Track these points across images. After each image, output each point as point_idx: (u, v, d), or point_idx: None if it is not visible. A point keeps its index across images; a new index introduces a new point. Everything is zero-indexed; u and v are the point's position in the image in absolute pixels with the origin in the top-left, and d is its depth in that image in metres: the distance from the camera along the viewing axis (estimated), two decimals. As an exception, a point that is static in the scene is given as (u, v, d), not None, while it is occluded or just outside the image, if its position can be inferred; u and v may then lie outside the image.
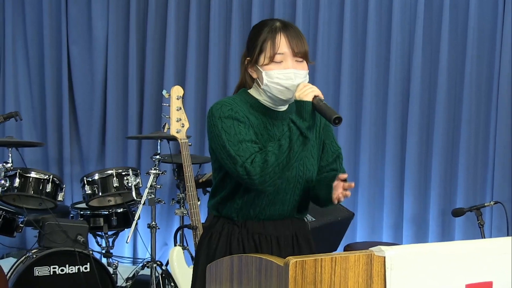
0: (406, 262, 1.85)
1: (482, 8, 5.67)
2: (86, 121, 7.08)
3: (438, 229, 5.85)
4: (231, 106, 2.58)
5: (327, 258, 1.78)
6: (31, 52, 7.11)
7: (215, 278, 2.17)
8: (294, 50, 2.58)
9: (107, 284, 4.63)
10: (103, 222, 5.36)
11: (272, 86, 2.57)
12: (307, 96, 2.48)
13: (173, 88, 4.13)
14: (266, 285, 1.85)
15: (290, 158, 2.45)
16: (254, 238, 2.66)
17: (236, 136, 2.50)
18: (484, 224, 4.41)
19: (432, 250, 1.92)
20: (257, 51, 2.60)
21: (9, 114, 4.24)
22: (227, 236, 2.67)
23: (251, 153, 2.47)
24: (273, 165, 2.43)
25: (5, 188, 4.82)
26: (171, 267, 3.87)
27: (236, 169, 2.47)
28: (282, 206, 2.67)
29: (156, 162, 5.14)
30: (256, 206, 2.64)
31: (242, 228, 2.67)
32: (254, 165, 2.44)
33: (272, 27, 2.60)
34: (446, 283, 1.90)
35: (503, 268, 1.98)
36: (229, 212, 2.68)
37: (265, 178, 2.44)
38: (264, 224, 2.67)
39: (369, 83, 5.98)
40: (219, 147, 2.53)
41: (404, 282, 1.85)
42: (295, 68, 2.57)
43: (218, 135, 2.53)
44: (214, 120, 2.56)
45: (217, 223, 2.73)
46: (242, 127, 2.54)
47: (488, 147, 5.71)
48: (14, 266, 4.76)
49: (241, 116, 2.57)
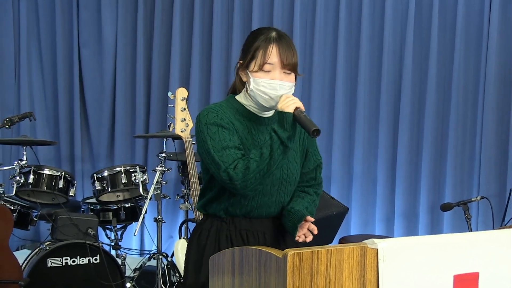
0: (398, 254, 1.85)
1: (469, 13, 5.66)
2: (96, 120, 7.08)
3: (427, 222, 5.85)
4: (217, 113, 2.59)
5: (323, 250, 1.79)
6: (44, 55, 7.11)
7: (218, 269, 2.18)
8: (283, 62, 2.58)
9: (116, 274, 4.64)
10: (112, 216, 5.36)
11: (257, 93, 2.58)
12: (289, 108, 2.48)
13: (178, 90, 4.13)
14: (266, 275, 1.85)
15: (270, 165, 2.45)
16: (241, 234, 2.66)
17: (220, 142, 2.50)
18: (471, 218, 4.40)
19: (422, 243, 1.92)
20: (250, 57, 2.61)
21: (24, 115, 4.24)
22: (215, 233, 2.68)
23: (234, 159, 2.47)
24: (254, 171, 2.43)
25: (20, 184, 4.83)
26: (176, 259, 3.88)
27: (219, 174, 2.47)
28: (268, 208, 2.67)
29: (162, 159, 5.14)
30: (243, 207, 2.64)
31: (230, 224, 2.67)
32: (236, 171, 2.44)
33: (267, 37, 2.60)
34: (435, 273, 1.90)
35: (489, 260, 1.98)
36: (217, 211, 2.68)
37: (246, 183, 2.44)
38: (251, 221, 2.67)
39: (362, 85, 5.97)
40: (205, 152, 2.54)
41: (396, 273, 1.85)
42: (281, 79, 2.57)
43: (204, 141, 2.54)
44: (201, 126, 2.57)
45: (206, 220, 2.73)
46: (227, 133, 2.54)
47: (475, 146, 5.70)
48: (28, 257, 4.76)
49: (226, 122, 2.57)
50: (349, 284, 1.81)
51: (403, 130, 5.86)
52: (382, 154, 5.99)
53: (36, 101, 7.13)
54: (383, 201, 6.02)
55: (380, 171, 6.00)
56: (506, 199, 5.26)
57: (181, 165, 5.46)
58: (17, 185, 4.82)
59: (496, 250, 2.01)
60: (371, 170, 6.06)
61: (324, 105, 6.13)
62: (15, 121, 4.06)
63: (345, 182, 6.10)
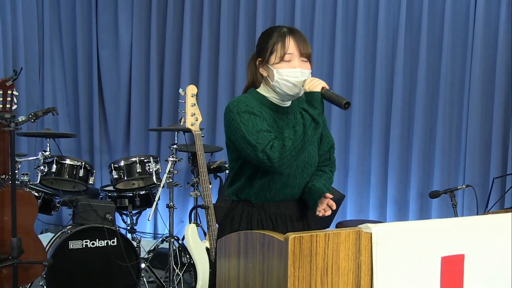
0: (390, 237, 1.85)
1: (455, 17, 5.65)
2: (113, 115, 7.09)
3: (417, 209, 5.85)
4: (246, 103, 2.59)
5: (322, 234, 1.79)
6: (66, 56, 7.12)
7: (225, 252, 2.18)
8: (301, 51, 2.61)
9: (131, 256, 4.64)
10: (128, 203, 5.36)
11: (281, 83, 2.59)
12: (316, 88, 2.52)
13: (188, 87, 4.12)
14: (269, 257, 1.85)
15: (304, 142, 2.46)
16: (271, 218, 2.67)
17: (254, 127, 2.50)
18: (457, 205, 4.40)
19: (412, 227, 1.92)
20: (268, 52, 2.62)
21: (47, 109, 4.23)
22: (247, 217, 2.67)
23: (269, 140, 2.47)
24: (290, 149, 2.44)
25: (44, 173, 4.83)
26: (186, 242, 3.88)
27: (257, 155, 2.46)
28: (292, 189, 2.67)
29: (173, 151, 5.14)
30: (272, 189, 2.64)
31: (260, 209, 2.67)
32: (273, 150, 2.44)
33: (281, 32, 2.63)
34: (424, 255, 1.90)
35: (473, 243, 1.98)
36: (248, 196, 2.68)
37: (283, 161, 2.44)
38: (278, 205, 2.68)
39: (357, 85, 5.96)
40: (239, 138, 2.52)
41: (388, 255, 1.85)
42: (301, 67, 2.60)
43: (238, 128, 2.52)
44: (233, 116, 2.55)
45: (237, 206, 2.72)
46: (258, 119, 2.54)
47: (460, 139, 5.69)
48: (51, 240, 4.78)
49: (256, 110, 2.58)
50: (345, 265, 1.81)
51: (395, 125, 5.85)
52: (375, 147, 5.99)
53: (58, 97, 7.14)
54: (376, 189, 6.02)
55: (373, 162, 6.00)
56: (489, 187, 5.26)
57: (191, 156, 5.46)
58: (41, 174, 4.82)
59: (479, 234, 2.01)
60: (366, 161, 6.06)
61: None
62: (39, 116, 4.05)
63: (341, 172, 6.09)
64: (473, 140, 5.58)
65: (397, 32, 5.84)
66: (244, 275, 2.03)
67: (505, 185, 5.33)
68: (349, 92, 6.03)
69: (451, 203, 4.40)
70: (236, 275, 2.09)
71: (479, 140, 5.58)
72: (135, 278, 4.63)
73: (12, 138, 3.86)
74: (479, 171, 5.59)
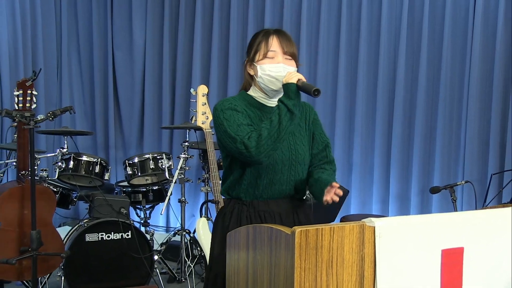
0: (392, 231, 1.85)
1: (455, 21, 5.63)
2: (128, 114, 7.10)
3: (418, 203, 5.84)
4: (230, 101, 2.62)
5: (327, 228, 1.78)
6: (83, 57, 7.14)
7: (234, 244, 2.18)
8: (283, 49, 2.62)
9: (145, 248, 4.65)
10: (141, 197, 5.37)
11: (265, 78, 2.61)
12: (292, 79, 2.50)
13: (199, 87, 4.12)
14: (276, 250, 1.85)
15: (280, 130, 2.45)
16: (260, 215, 2.65)
17: (235, 122, 2.52)
18: (456, 200, 4.39)
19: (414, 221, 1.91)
20: (253, 51, 2.65)
21: (65, 108, 4.23)
22: (237, 214, 2.68)
23: (247, 132, 2.49)
24: (266, 138, 2.44)
25: (61, 169, 4.84)
26: (197, 235, 3.88)
27: (236, 146, 2.47)
28: (280, 185, 2.65)
29: (185, 148, 5.14)
30: (259, 186, 2.63)
31: (250, 206, 2.67)
32: (250, 140, 2.45)
33: (266, 32, 2.67)
34: (425, 248, 1.90)
35: (472, 236, 1.98)
36: (238, 193, 2.68)
37: (260, 149, 2.44)
38: (268, 203, 2.67)
39: (360, 85, 5.97)
40: (222, 132, 2.55)
41: (391, 248, 1.84)
42: (284, 63, 2.61)
43: (221, 124, 2.55)
44: (217, 113, 2.58)
45: (229, 204, 2.73)
46: (240, 115, 2.56)
47: (460, 137, 5.69)
48: (69, 233, 4.79)
49: (239, 108, 2.60)
50: (350, 257, 1.81)
51: (397, 124, 5.85)
52: (378, 144, 5.98)
53: (75, 96, 7.16)
54: (379, 185, 6.01)
55: (376, 159, 6.00)
56: (487, 183, 5.25)
57: (202, 153, 5.47)
58: (59, 170, 4.84)
59: (478, 228, 2.00)
60: (369, 158, 6.06)
61: (326, 102, 6.13)
62: (57, 114, 4.06)
63: (346, 169, 6.09)
64: (472, 138, 5.57)
65: (399, 35, 5.83)
66: (253, 267, 2.03)
67: (502, 181, 5.32)
68: (353, 92, 6.03)
69: (450, 198, 4.40)
70: (245, 267, 2.09)
71: (478, 138, 5.57)
72: (148, 269, 4.64)
73: (32, 136, 3.87)
74: (478, 168, 5.58)
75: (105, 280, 4.55)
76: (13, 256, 3.94)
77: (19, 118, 3.85)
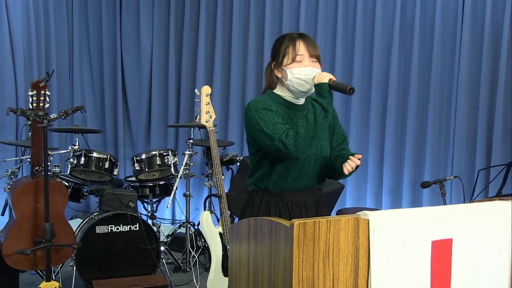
0: (386, 224, 1.85)
1: (445, 24, 5.64)
2: (136, 113, 7.10)
3: (410, 197, 5.85)
4: (263, 101, 2.60)
5: (324, 220, 1.78)
6: (93, 59, 7.15)
7: (236, 236, 2.18)
8: (310, 53, 2.62)
9: (152, 239, 4.65)
10: (148, 192, 5.37)
11: (294, 81, 2.60)
12: (324, 79, 2.52)
13: (203, 87, 4.12)
14: (276, 241, 1.85)
15: (316, 128, 2.47)
16: (287, 205, 2.68)
17: (271, 121, 2.51)
18: (445, 194, 4.39)
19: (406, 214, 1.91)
20: (281, 55, 2.64)
21: (76, 108, 4.23)
22: (266, 204, 2.69)
23: (284, 130, 2.48)
24: (303, 135, 2.45)
25: (73, 165, 4.85)
26: (201, 227, 3.88)
27: (274, 144, 2.47)
28: (307, 178, 2.68)
29: (190, 145, 5.15)
30: (288, 179, 2.64)
31: (278, 197, 2.68)
32: (288, 137, 2.45)
33: (292, 37, 2.65)
34: (416, 239, 1.90)
35: (461, 228, 1.98)
36: (266, 185, 2.68)
37: (298, 146, 2.45)
38: (294, 194, 2.68)
39: (356, 83, 5.96)
40: (258, 132, 2.53)
41: (384, 239, 1.85)
42: (311, 66, 2.61)
43: (256, 123, 2.53)
44: (251, 113, 2.56)
45: (257, 195, 2.73)
46: (274, 114, 2.55)
47: (449, 134, 5.69)
48: (80, 225, 4.79)
49: (273, 107, 2.59)
50: (345, 248, 1.81)
51: (390, 122, 5.85)
52: (372, 141, 5.99)
53: (86, 96, 7.16)
54: (373, 180, 6.02)
55: (370, 155, 6.00)
56: (474, 178, 5.26)
57: (206, 150, 5.47)
58: (71, 166, 4.84)
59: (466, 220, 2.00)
60: (363, 153, 5.99)
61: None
62: (69, 113, 4.06)
63: (341, 164, 6.09)
64: (460, 136, 5.58)
65: (391, 37, 5.84)
66: (254, 258, 2.03)
67: (489, 176, 5.33)
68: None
69: (440, 192, 4.40)
70: (246, 257, 2.09)
71: (466, 135, 5.57)
72: (155, 260, 4.64)
73: (45, 134, 3.88)
74: (466, 164, 5.58)
75: (114, 269, 4.55)
76: (28, 247, 3.95)
77: (33, 117, 3.86)
